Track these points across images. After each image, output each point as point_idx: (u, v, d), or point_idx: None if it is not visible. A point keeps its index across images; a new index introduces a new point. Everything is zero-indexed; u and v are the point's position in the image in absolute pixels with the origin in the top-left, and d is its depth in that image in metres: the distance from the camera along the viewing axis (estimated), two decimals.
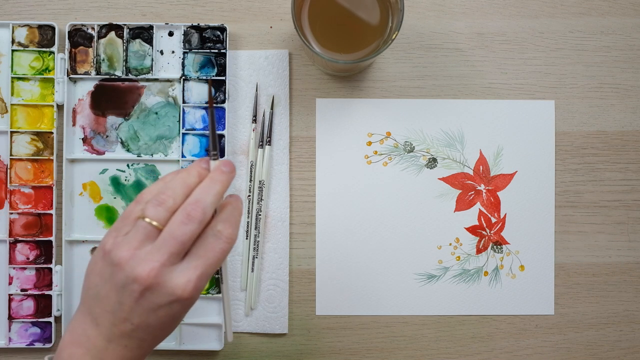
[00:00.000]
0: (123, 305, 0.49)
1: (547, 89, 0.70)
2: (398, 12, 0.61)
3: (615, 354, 0.70)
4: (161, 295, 0.49)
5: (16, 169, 0.68)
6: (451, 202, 0.69)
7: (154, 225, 0.49)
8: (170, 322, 0.51)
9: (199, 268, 0.49)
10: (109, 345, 0.50)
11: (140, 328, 0.50)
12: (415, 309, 0.69)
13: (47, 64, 0.68)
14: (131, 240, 0.49)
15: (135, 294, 0.49)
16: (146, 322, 0.50)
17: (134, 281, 0.48)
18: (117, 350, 0.50)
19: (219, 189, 0.51)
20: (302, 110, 0.70)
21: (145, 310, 0.49)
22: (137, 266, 0.48)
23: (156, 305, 0.49)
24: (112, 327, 0.50)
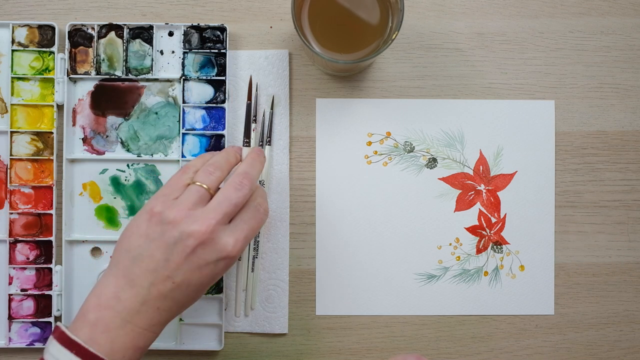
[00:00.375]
0: (169, 263, 0.53)
1: (547, 89, 0.70)
2: (398, 12, 0.61)
3: (615, 354, 0.70)
4: (212, 251, 0.53)
5: (16, 169, 0.68)
6: (451, 202, 0.69)
7: (205, 188, 0.55)
8: (208, 282, 0.55)
9: (244, 230, 0.55)
10: (142, 307, 0.53)
11: (179, 287, 0.53)
12: (415, 309, 0.69)
13: (47, 64, 0.68)
14: (184, 202, 0.54)
15: (187, 249, 0.53)
16: (188, 280, 0.53)
17: (190, 236, 0.53)
18: (149, 313, 0.53)
19: (259, 167, 0.59)
20: (302, 110, 0.70)
21: (191, 267, 0.53)
22: (193, 223, 0.53)
23: (204, 261, 0.53)
24: (151, 287, 0.53)
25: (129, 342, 0.53)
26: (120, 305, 0.53)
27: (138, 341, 0.53)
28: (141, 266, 0.53)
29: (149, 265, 0.53)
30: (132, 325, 0.53)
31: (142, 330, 0.53)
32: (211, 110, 0.68)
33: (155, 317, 0.54)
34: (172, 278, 0.53)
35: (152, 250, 0.53)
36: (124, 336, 0.53)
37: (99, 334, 0.52)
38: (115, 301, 0.53)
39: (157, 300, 0.53)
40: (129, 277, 0.53)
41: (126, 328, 0.53)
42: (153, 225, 0.54)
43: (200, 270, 0.53)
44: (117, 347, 0.52)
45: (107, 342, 0.52)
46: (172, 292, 0.53)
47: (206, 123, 0.68)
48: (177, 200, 0.55)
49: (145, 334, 0.54)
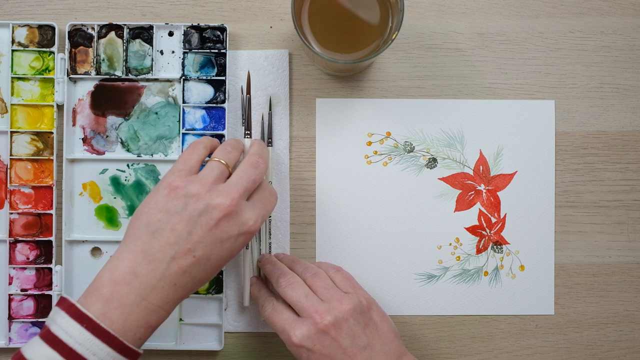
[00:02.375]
0: (192, 236, 0.53)
1: (547, 89, 0.70)
2: (398, 12, 0.61)
3: (615, 354, 0.70)
4: (235, 225, 0.54)
5: (16, 169, 0.68)
6: (451, 202, 0.69)
7: (224, 164, 0.57)
8: (226, 257, 0.55)
9: (262, 209, 0.57)
10: (159, 283, 0.52)
11: (199, 262, 0.53)
12: (415, 309, 0.69)
13: (47, 64, 0.68)
14: (206, 177, 0.55)
15: (212, 221, 0.53)
16: (209, 254, 0.54)
17: (215, 208, 0.53)
18: (165, 290, 0.53)
19: (267, 153, 0.62)
20: (302, 110, 0.70)
21: (213, 240, 0.53)
22: (218, 196, 0.54)
23: (227, 234, 0.54)
24: (171, 261, 0.53)
25: (143, 319, 0.52)
26: (136, 280, 0.52)
27: (151, 319, 0.53)
28: (161, 240, 0.53)
29: (170, 239, 0.53)
30: (147, 302, 0.52)
31: (156, 308, 0.53)
32: (211, 110, 0.68)
33: (170, 294, 0.53)
34: (193, 252, 0.53)
35: (173, 224, 0.53)
36: (138, 313, 0.52)
37: (113, 310, 0.51)
38: (132, 276, 0.52)
39: (176, 276, 0.53)
40: (148, 251, 0.53)
41: (141, 305, 0.52)
42: (173, 199, 0.54)
43: (221, 244, 0.54)
44: (130, 325, 0.52)
45: (120, 319, 0.51)
46: (191, 267, 0.53)
47: (206, 123, 0.68)
48: (197, 176, 0.55)
49: (159, 311, 0.53)
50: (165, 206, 0.54)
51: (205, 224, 0.53)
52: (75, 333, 0.50)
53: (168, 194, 0.54)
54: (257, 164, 0.58)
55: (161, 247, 0.53)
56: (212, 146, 0.61)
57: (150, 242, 0.53)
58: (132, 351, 0.52)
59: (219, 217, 0.53)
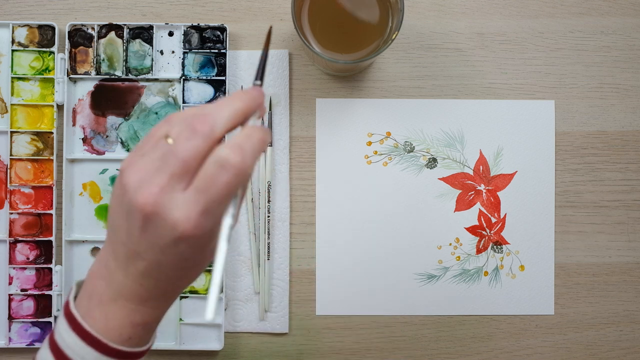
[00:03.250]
0: (132, 237, 0.43)
1: (547, 89, 0.70)
2: (398, 12, 0.61)
3: (615, 354, 0.70)
4: (162, 229, 0.42)
5: (16, 169, 0.68)
6: (451, 202, 0.69)
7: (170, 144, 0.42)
8: (183, 265, 0.44)
9: (199, 203, 0.41)
10: (127, 281, 0.45)
11: (153, 267, 0.44)
12: (415, 309, 0.69)
13: (47, 64, 0.68)
14: (145, 161, 0.42)
15: (138, 223, 0.42)
16: (157, 260, 0.43)
17: (135, 208, 0.42)
18: (134, 288, 0.45)
19: (237, 106, 0.43)
20: (302, 110, 0.70)
21: (152, 246, 0.43)
22: (139, 190, 0.41)
23: (161, 241, 0.42)
24: (127, 261, 0.44)
25: (124, 317, 0.46)
26: (110, 276, 0.45)
27: (134, 317, 0.46)
28: (116, 237, 0.45)
29: (121, 237, 0.44)
30: (124, 301, 0.46)
31: (136, 306, 0.46)
32: None
33: (143, 293, 0.45)
34: (140, 255, 0.43)
35: (119, 219, 0.44)
36: (117, 311, 0.46)
37: (94, 307, 0.46)
38: (105, 271, 0.46)
39: (138, 277, 0.45)
40: (112, 247, 0.45)
41: (118, 303, 0.46)
42: (117, 189, 0.44)
43: (163, 253, 0.43)
44: (112, 324, 0.46)
45: (101, 317, 0.46)
46: (148, 270, 0.44)
47: None
48: (141, 158, 0.42)
49: (141, 309, 0.46)
50: (116, 194, 0.44)
51: (135, 225, 0.42)
52: (66, 335, 0.46)
53: (118, 178, 0.44)
54: (195, 131, 0.42)
55: (117, 244, 0.44)
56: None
57: (112, 236, 0.45)
58: (121, 352, 0.46)
59: (141, 219, 0.42)
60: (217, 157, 0.42)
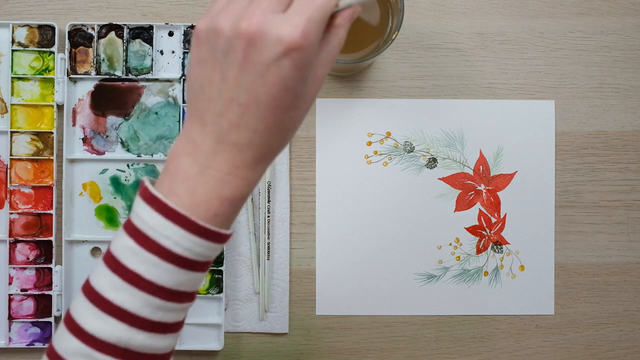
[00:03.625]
0: (227, 82, 0.43)
1: (547, 89, 0.70)
2: (398, 12, 0.61)
3: (615, 354, 0.70)
4: (267, 47, 0.41)
5: (16, 169, 0.68)
6: (451, 202, 0.69)
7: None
8: (281, 95, 0.43)
9: (306, 11, 0.41)
10: (218, 146, 0.44)
11: (249, 109, 0.43)
12: (415, 309, 0.69)
13: (47, 64, 0.68)
14: (235, 3, 0.43)
15: (239, 56, 0.42)
16: (255, 96, 0.43)
17: (235, 38, 0.42)
18: (227, 152, 0.44)
19: None
20: None
21: (251, 78, 0.42)
22: (236, 22, 0.42)
23: (263, 64, 0.42)
24: (219, 118, 0.44)
25: (211, 191, 0.44)
26: (196, 149, 0.44)
27: (222, 189, 0.44)
28: (204, 98, 0.44)
29: (211, 93, 0.44)
30: (213, 170, 0.44)
31: (225, 175, 0.44)
32: None
33: (236, 156, 0.44)
34: (236, 99, 0.43)
35: (210, 74, 0.44)
36: (205, 184, 0.44)
37: (178, 184, 0.44)
38: (191, 146, 0.44)
39: (231, 133, 0.43)
40: (198, 115, 0.44)
41: (206, 174, 0.44)
42: (202, 46, 0.44)
43: (263, 79, 0.42)
44: (199, 199, 0.44)
45: (186, 193, 0.44)
46: (242, 118, 0.43)
47: None
48: (227, 4, 0.43)
49: (230, 179, 0.44)
50: (197, 57, 0.44)
51: (233, 61, 0.42)
52: (147, 217, 0.44)
53: (197, 43, 0.44)
54: None
55: (206, 105, 0.44)
56: None
57: (196, 103, 0.45)
58: (208, 231, 0.44)
59: (242, 48, 0.42)
60: None
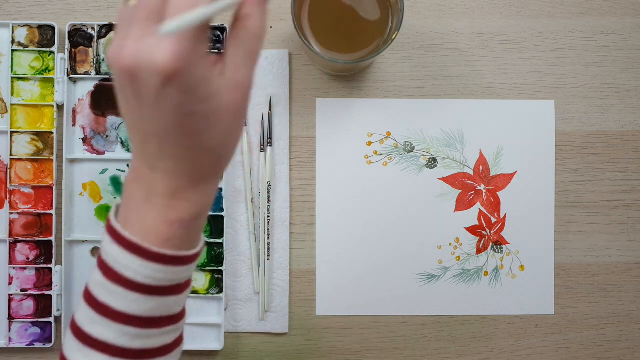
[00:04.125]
0: (134, 114, 0.41)
1: (547, 89, 0.70)
2: (398, 12, 0.61)
3: (615, 354, 0.70)
4: (146, 81, 0.39)
5: (16, 169, 0.68)
6: (451, 202, 0.69)
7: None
8: (184, 119, 0.40)
9: (179, 23, 0.38)
10: (153, 174, 0.43)
11: (162, 138, 0.41)
12: (415, 309, 0.69)
13: (47, 64, 0.68)
14: (118, 31, 0.40)
15: (129, 90, 0.40)
16: (159, 126, 0.41)
17: (120, 73, 0.39)
18: (162, 179, 0.43)
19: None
20: (302, 110, 0.70)
21: (149, 109, 0.40)
22: (117, 56, 0.39)
23: (151, 97, 0.39)
24: (144, 147, 0.42)
25: (158, 216, 0.43)
26: (139, 177, 0.43)
27: (168, 214, 0.43)
28: (130, 128, 0.43)
29: (130, 125, 0.42)
30: (156, 197, 0.43)
31: (168, 200, 0.43)
32: None
33: (172, 181, 0.43)
34: (147, 130, 0.41)
35: (122, 108, 0.42)
36: (151, 211, 0.43)
37: (131, 213, 0.44)
38: (135, 173, 0.44)
39: (158, 162, 0.42)
40: (133, 144, 0.43)
41: (151, 201, 0.43)
42: (114, 73, 0.41)
43: (158, 110, 0.40)
44: (149, 225, 0.43)
45: (138, 221, 0.43)
46: (160, 147, 0.42)
47: None
48: (116, 34, 0.41)
49: (173, 203, 0.43)
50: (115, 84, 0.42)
51: (129, 95, 0.40)
52: (108, 248, 0.44)
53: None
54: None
55: (132, 136, 0.43)
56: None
57: (128, 133, 0.44)
58: (164, 256, 0.43)
59: (128, 83, 0.39)
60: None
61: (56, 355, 0.68)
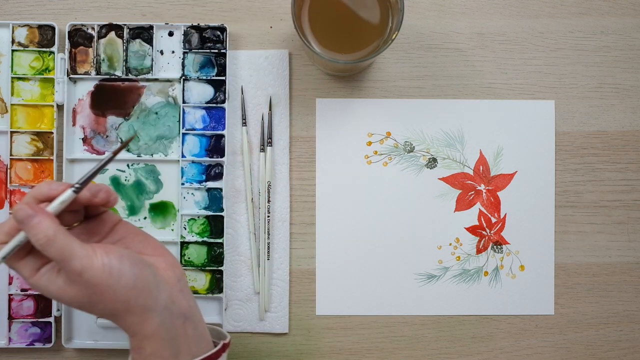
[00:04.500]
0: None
1: (547, 89, 0.70)
2: (398, 12, 0.61)
3: (615, 354, 0.70)
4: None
5: (16, 169, 0.68)
6: (451, 202, 0.69)
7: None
8: (71, 303, 0.51)
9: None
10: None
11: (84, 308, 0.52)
12: (415, 309, 0.69)
13: (47, 64, 0.68)
14: None
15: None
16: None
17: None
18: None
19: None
20: (302, 110, 0.70)
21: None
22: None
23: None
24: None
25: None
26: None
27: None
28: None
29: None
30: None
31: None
32: (211, 110, 0.68)
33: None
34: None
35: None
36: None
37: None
38: None
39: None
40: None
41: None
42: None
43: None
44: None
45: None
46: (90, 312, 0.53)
47: (206, 123, 0.68)
48: None
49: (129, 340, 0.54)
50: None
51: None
52: None
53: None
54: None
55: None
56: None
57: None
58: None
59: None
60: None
61: (56, 355, 0.68)
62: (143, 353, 0.52)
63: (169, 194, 0.68)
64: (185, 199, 0.68)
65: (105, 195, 0.52)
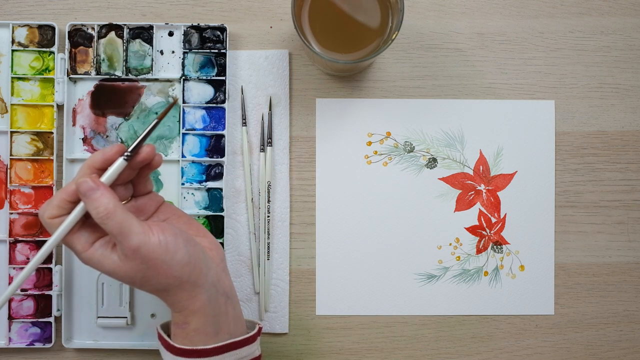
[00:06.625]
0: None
1: (547, 89, 0.70)
2: (398, 12, 0.61)
3: (615, 354, 0.70)
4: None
5: (16, 169, 0.68)
6: (451, 202, 0.69)
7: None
8: (113, 276, 0.53)
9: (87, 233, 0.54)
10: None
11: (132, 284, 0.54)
12: (415, 309, 0.69)
13: (47, 64, 0.68)
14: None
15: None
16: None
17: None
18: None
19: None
20: (302, 110, 0.70)
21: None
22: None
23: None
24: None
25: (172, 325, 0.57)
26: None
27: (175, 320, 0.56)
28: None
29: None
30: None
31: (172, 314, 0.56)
32: (211, 110, 0.68)
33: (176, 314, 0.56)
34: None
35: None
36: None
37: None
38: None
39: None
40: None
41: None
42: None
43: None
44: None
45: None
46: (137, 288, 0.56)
47: (206, 123, 0.68)
48: None
49: (173, 316, 0.56)
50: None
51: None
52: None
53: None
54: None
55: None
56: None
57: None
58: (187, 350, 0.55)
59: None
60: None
61: (56, 355, 0.68)
62: (187, 328, 0.54)
63: (169, 194, 0.68)
64: (185, 199, 0.68)
65: (149, 149, 0.54)
